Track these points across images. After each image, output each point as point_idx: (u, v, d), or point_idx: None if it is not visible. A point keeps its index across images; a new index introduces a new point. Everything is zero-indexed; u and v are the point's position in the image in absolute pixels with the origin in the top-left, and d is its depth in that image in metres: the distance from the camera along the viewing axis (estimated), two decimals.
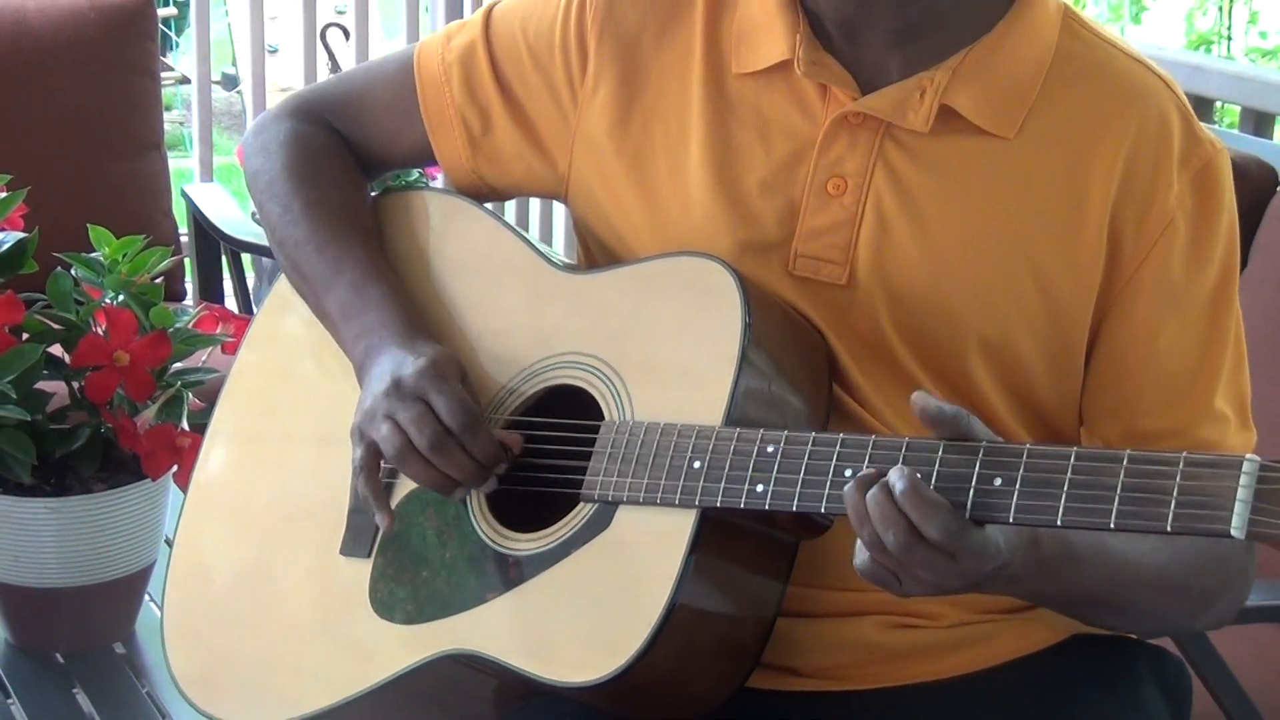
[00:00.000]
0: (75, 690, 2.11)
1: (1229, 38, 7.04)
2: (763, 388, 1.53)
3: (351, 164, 1.85)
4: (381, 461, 1.62)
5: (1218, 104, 3.35)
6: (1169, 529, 1.29)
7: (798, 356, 1.58)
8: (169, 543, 1.88)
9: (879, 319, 1.59)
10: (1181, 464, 1.29)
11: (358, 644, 1.63)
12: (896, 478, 1.34)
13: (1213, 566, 1.58)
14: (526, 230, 4.67)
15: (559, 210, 4.83)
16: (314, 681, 1.65)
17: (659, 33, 1.69)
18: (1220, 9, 7.13)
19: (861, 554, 1.38)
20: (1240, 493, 1.25)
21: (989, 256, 1.59)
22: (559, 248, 4.55)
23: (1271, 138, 3.13)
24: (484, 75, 1.76)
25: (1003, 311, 1.59)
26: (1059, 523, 1.33)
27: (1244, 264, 2.53)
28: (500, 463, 1.59)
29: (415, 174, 3.65)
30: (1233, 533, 1.25)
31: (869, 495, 1.35)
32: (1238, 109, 3.22)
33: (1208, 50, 6.89)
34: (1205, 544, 1.54)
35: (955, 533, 1.34)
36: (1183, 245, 1.59)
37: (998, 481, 1.35)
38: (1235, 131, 3.10)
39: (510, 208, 4.84)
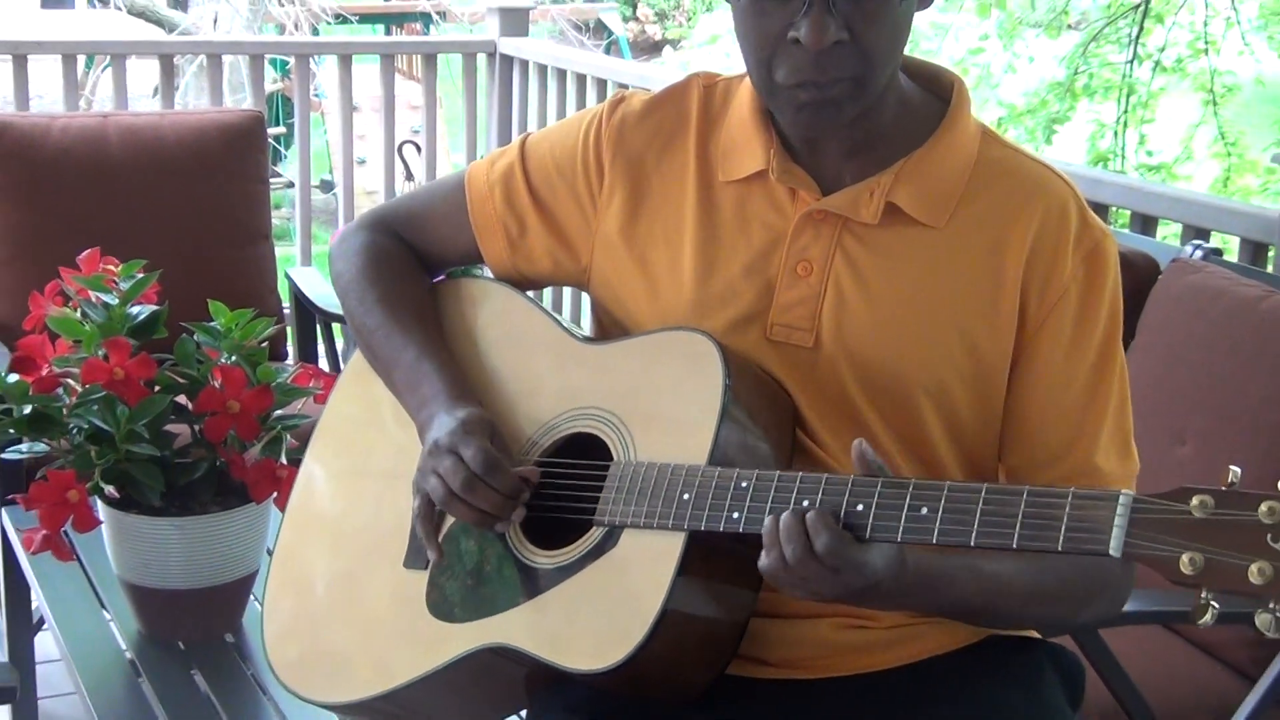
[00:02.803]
0: (193, 672, 2.11)
1: (1123, 155, 7.04)
2: (739, 435, 1.52)
3: (414, 265, 1.85)
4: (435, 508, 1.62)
5: (1112, 209, 3.34)
6: (1060, 549, 1.29)
7: (768, 411, 1.58)
8: (270, 553, 1.87)
9: (840, 375, 1.59)
10: (1070, 497, 1.30)
11: (416, 639, 1.62)
12: (808, 506, 1.38)
13: (1084, 579, 1.57)
14: (560, 310, 4.70)
15: (584, 295, 4.81)
16: (379, 668, 1.64)
17: (660, 153, 1.70)
18: (1116, 133, 7.13)
19: (764, 559, 1.39)
20: (1117, 520, 1.26)
21: (927, 323, 1.58)
22: (584, 324, 4.54)
23: (1155, 236, 3.13)
24: (520, 190, 1.76)
25: (939, 367, 1.58)
26: (973, 544, 1.33)
27: (1132, 336, 2.55)
28: (523, 493, 1.58)
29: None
30: (1110, 552, 1.26)
31: (781, 517, 1.38)
32: (1129, 213, 3.21)
33: (1105, 165, 6.89)
34: (1078, 560, 1.53)
35: (838, 550, 1.35)
36: (1074, 309, 1.59)
37: (924, 510, 1.35)
38: (1127, 231, 3.10)
39: (547, 292, 4.84)
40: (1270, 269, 2.80)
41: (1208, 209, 3.07)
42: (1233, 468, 1.24)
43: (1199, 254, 2.70)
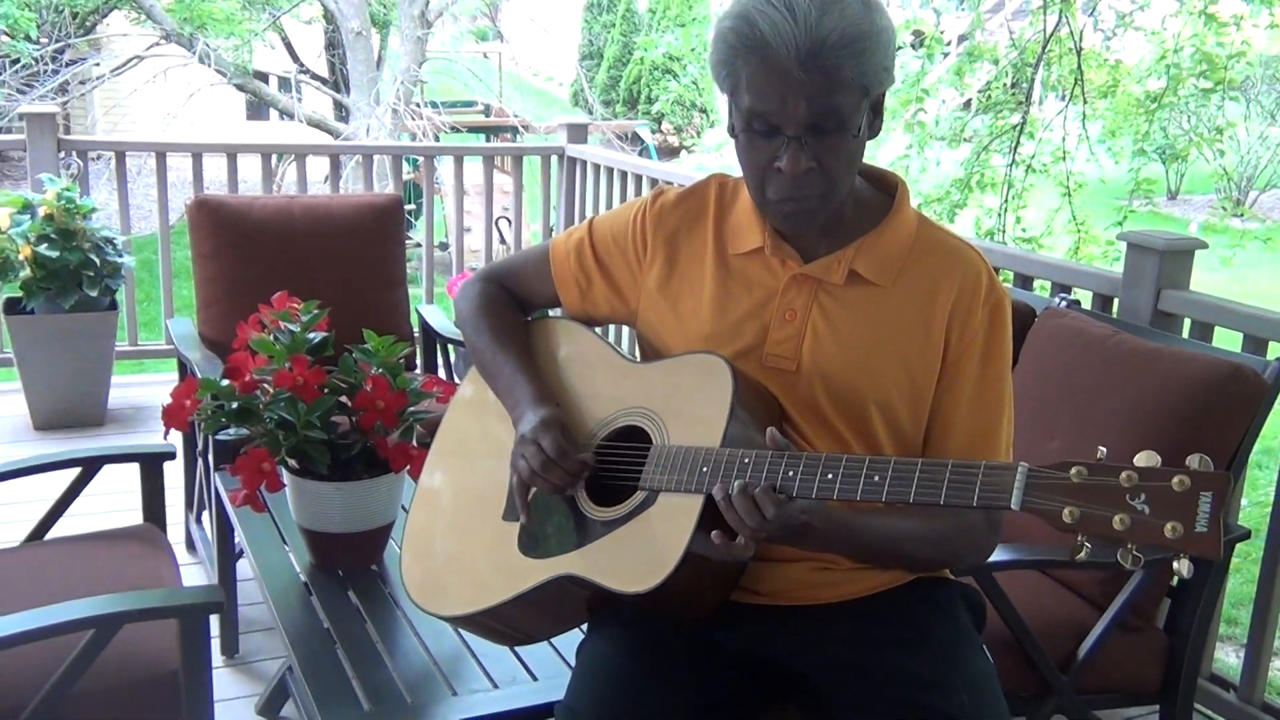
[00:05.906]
0: (349, 592, 2.10)
1: (1004, 232, 6.99)
2: (742, 428, 1.50)
3: (513, 306, 1.84)
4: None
5: (1000, 270, 3.31)
6: (975, 505, 1.27)
7: (762, 411, 1.56)
8: (404, 509, 1.86)
9: (814, 390, 1.57)
10: (982, 468, 1.28)
11: (510, 569, 1.61)
12: (755, 484, 1.38)
13: (958, 535, 1.55)
14: (611, 340, 4.68)
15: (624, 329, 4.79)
16: (483, 590, 1.63)
17: (688, 231, 1.69)
18: (999, 215, 7.09)
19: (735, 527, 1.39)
20: (1017, 484, 1.24)
21: (877, 355, 1.56)
22: (624, 348, 4.53)
23: (1032, 290, 3.10)
24: (589, 257, 1.75)
25: (885, 386, 1.56)
26: (911, 500, 1.31)
27: (1016, 361, 2.53)
28: (584, 472, 1.58)
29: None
30: (1012, 506, 1.24)
31: (733, 497, 1.38)
32: (1013, 274, 3.18)
33: (991, 238, 6.84)
34: (956, 521, 1.52)
35: (780, 509, 1.35)
36: (981, 350, 1.57)
37: (876, 479, 1.33)
38: (1011, 287, 3.07)
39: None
40: (1115, 314, 2.76)
41: (1069, 271, 3.04)
42: (1100, 448, 1.23)
43: (1064, 304, 2.69)
